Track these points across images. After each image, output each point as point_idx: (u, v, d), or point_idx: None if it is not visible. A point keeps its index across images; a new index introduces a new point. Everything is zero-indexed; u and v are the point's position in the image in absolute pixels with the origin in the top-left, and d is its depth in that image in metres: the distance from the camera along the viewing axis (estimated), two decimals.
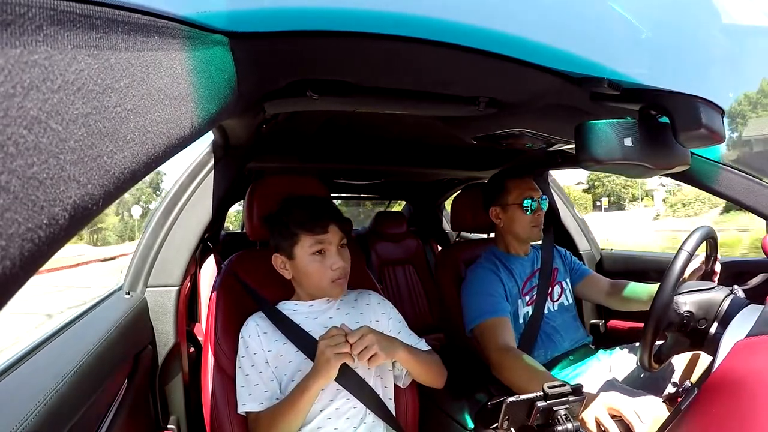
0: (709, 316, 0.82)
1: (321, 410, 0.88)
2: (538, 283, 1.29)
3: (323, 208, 0.94)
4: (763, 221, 1.13)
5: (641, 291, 1.22)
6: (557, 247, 1.45)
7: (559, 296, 1.31)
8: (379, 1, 0.49)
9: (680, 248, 0.87)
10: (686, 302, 0.84)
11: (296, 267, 0.93)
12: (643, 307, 1.19)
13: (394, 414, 0.95)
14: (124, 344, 0.85)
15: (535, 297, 1.27)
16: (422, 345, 0.99)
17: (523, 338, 1.21)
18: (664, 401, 0.90)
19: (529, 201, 1.27)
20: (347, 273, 0.94)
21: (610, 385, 1.06)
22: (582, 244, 1.70)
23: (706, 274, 1.06)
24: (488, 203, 1.35)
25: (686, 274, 0.99)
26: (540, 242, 1.40)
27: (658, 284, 0.85)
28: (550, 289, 1.29)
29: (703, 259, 1.05)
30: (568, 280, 1.36)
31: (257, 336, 0.92)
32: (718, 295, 0.83)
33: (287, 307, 0.98)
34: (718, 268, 1.05)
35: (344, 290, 0.95)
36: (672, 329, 0.84)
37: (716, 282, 0.97)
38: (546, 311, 1.26)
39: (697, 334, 0.82)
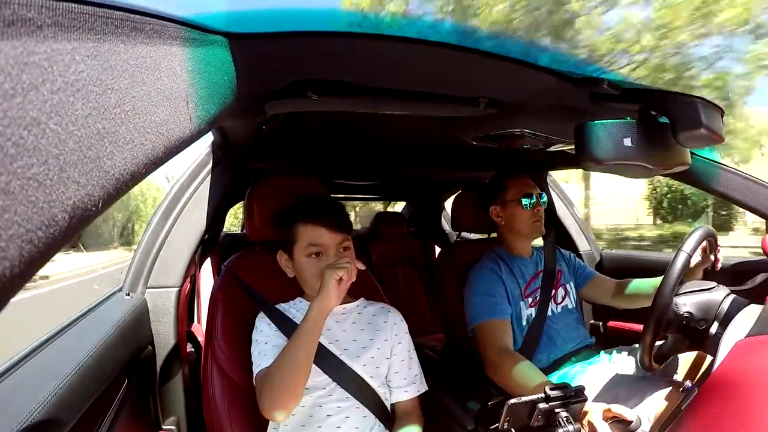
0: (709, 317, 0.82)
1: (329, 415, 0.87)
2: (541, 285, 1.29)
3: (323, 206, 0.92)
4: None
5: (645, 286, 1.21)
6: (561, 250, 1.44)
7: (563, 299, 1.31)
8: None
9: (679, 249, 0.87)
10: (686, 303, 0.84)
11: (295, 266, 0.93)
12: (649, 302, 1.19)
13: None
14: (124, 345, 0.85)
15: (537, 299, 1.26)
16: (412, 390, 0.95)
17: (525, 341, 1.21)
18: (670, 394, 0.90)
19: (527, 197, 1.28)
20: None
21: (613, 385, 1.06)
22: (582, 245, 1.70)
23: (708, 272, 1.06)
24: (488, 203, 1.35)
25: (692, 264, 0.98)
26: (543, 244, 1.40)
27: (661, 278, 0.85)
28: (553, 291, 1.29)
29: (701, 256, 1.03)
30: (572, 283, 1.36)
31: (269, 334, 0.91)
32: (718, 295, 0.83)
33: (297, 307, 0.96)
34: (719, 265, 1.04)
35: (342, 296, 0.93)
36: (672, 330, 0.84)
37: (717, 277, 0.97)
38: (549, 313, 1.25)
39: (697, 334, 0.82)
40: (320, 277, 0.82)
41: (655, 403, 0.89)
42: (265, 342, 0.88)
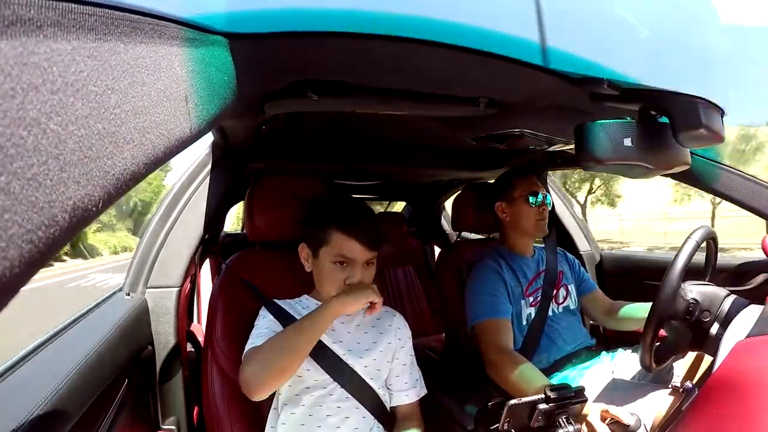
0: (713, 309, 0.81)
1: (328, 415, 0.87)
2: (543, 284, 1.29)
3: (361, 217, 0.90)
4: None
5: (637, 311, 1.22)
6: (566, 252, 1.45)
7: (564, 299, 1.31)
8: (380, 1, 0.49)
9: (688, 237, 0.87)
10: (692, 290, 0.84)
11: (316, 266, 0.93)
12: (640, 326, 1.19)
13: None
14: (124, 345, 0.85)
15: (539, 299, 1.26)
16: (413, 394, 0.95)
17: (525, 340, 1.21)
18: (670, 394, 0.90)
19: (534, 195, 1.28)
20: None
21: (614, 384, 1.06)
22: (582, 245, 1.70)
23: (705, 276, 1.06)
24: (494, 200, 1.36)
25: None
26: (544, 244, 1.40)
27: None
28: (554, 291, 1.29)
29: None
30: (573, 285, 1.36)
31: (275, 323, 0.90)
32: (719, 294, 0.83)
33: (303, 304, 0.96)
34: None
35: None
36: (677, 318, 0.83)
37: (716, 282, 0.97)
38: (550, 313, 1.25)
39: (700, 328, 0.82)
40: (338, 284, 0.87)
41: (654, 405, 0.89)
42: (266, 327, 0.88)
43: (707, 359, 0.89)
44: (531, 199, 1.28)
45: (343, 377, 0.88)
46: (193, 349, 1.33)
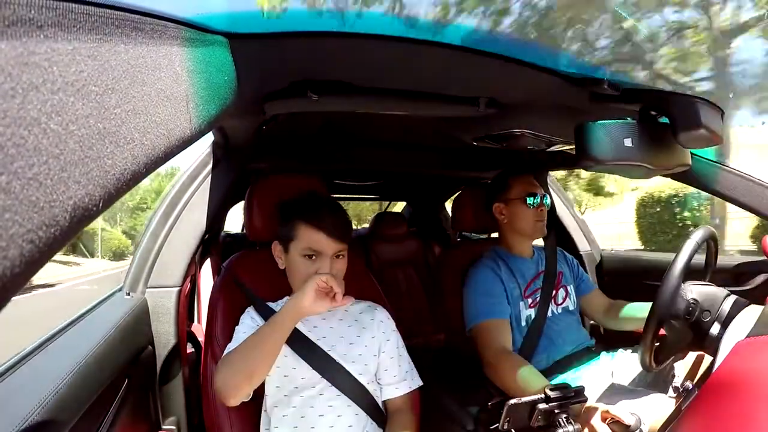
0: (713, 309, 0.81)
1: (321, 415, 0.87)
2: (542, 285, 1.28)
3: (327, 210, 0.91)
4: None
5: (637, 310, 1.22)
6: (565, 252, 1.44)
7: (564, 300, 1.30)
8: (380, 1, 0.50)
9: (688, 238, 0.87)
10: (692, 290, 0.83)
11: (288, 261, 0.93)
12: (640, 326, 1.19)
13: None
14: (124, 345, 0.85)
15: (538, 300, 1.26)
16: (403, 386, 0.95)
17: (525, 342, 1.21)
18: (670, 397, 0.90)
19: (532, 196, 1.27)
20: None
21: (613, 388, 1.06)
22: (582, 245, 1.70)
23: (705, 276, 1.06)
24: (491, 200, 1.35)
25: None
26: (543, 245, 1.40)
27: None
28: (554, 292, 1.28)
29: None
30: (572, 285, 1.36)
31: (252, 328, 0.90)
32: (720, 294, 0.83)
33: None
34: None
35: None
36: (677, 318, 0.83)
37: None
38: (550, 314, 1.25)
39: (700, 328, 0.82)
40: (308, 278, 0.84)
41: (654, 405, 0.89)
42: (243, 332, 0.89)
43: (707, 359, 0.89)
44: (528, 200, 1.27)
45: (332, 374, 0.88)
46: (193, 349, 1.33)
